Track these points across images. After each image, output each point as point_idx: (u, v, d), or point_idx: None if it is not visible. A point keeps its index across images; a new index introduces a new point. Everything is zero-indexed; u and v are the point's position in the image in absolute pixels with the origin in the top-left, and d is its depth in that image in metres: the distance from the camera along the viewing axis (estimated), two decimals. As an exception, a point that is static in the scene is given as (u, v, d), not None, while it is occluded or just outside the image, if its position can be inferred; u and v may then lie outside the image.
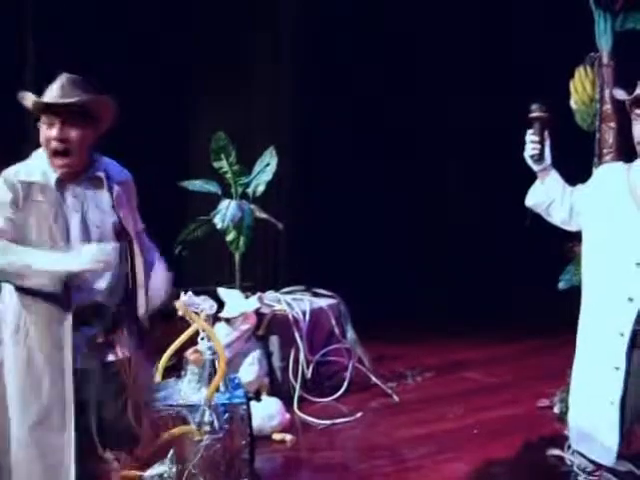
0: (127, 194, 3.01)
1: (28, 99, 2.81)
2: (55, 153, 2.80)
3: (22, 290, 2.78)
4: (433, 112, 8.20)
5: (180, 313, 3.39)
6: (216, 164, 5.71)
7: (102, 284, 2.85)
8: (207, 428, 3.11)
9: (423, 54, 8.28)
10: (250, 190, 5.72)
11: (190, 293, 3.52)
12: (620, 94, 3.43)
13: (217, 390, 3.33)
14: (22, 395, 2.78)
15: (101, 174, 2.92)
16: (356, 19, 7.88)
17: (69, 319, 2.78)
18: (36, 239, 2.78)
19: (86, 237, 2.85)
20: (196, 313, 3.42)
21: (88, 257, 2.73)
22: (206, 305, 3.48)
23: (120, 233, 2.93)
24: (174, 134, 6.75)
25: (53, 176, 2.84)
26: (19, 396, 2.78)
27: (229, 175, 5.70)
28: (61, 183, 2.84)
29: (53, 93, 2.79)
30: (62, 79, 2.82)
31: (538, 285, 5.94)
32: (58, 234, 2.80)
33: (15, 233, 2.77)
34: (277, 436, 4.76)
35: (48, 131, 2.79)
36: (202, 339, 3.53)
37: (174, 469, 3.21)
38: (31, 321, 2.79)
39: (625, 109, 3.23)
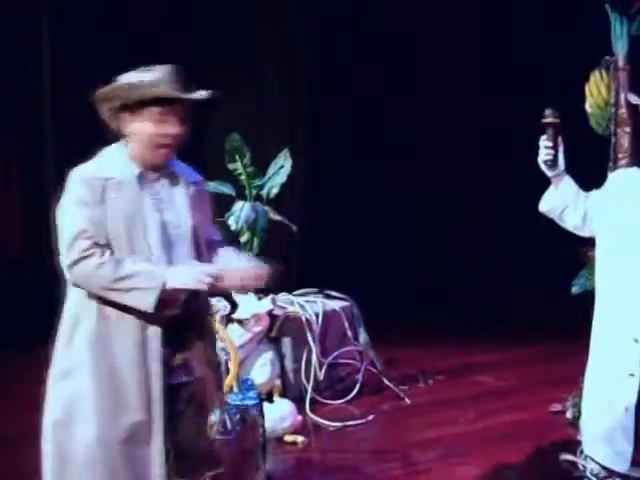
0: (201, 197, 2.93)
1: (154, 91, 2.67)
2: (163, 146, 2.74)
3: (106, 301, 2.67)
4: (433, 112, 8.20)
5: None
6: (230, 166, 5.71)
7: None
8: (219, 429, 3.12)
9: (425, 53, 8.26)
10: (264, 192, 5.72)
11: (204, 294, 3.52)
12: (635, 99, 3.44)
13: (230, 391, 3.34)
14: (107, 408, 2.66)
15: (177, 170, 2.86)
16: (361, 19, 7.89)
17: (159, 330, 2.69)
18: (115, 238, 2.69)
19: (165, 239, 2.77)
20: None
21: (192, 276, 2.66)
22: (220, 306, 3.49)
23: (195, 237, 2.84)
24: (188, 135, 6.78)
25: (135, 172, 2.76)
26: (104, 408, 2.66)
27: (243, 177, 5.70)
28: (141, 180, 2.76)
29: (172, 87, 2.69)
30: (168, 71, 2.73)
31: (551, 289, 5.93)
32: (137, 233, 2.71)
33: (97, 233, 2.66)
34: (289, 438, 4.77)
35: (160, 126, 2.70)
36: (215, 340, 3.53)
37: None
38: (115, 331, 2.68)
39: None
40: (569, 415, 4.99)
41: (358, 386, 5.65)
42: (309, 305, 5.49)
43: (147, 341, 2.68)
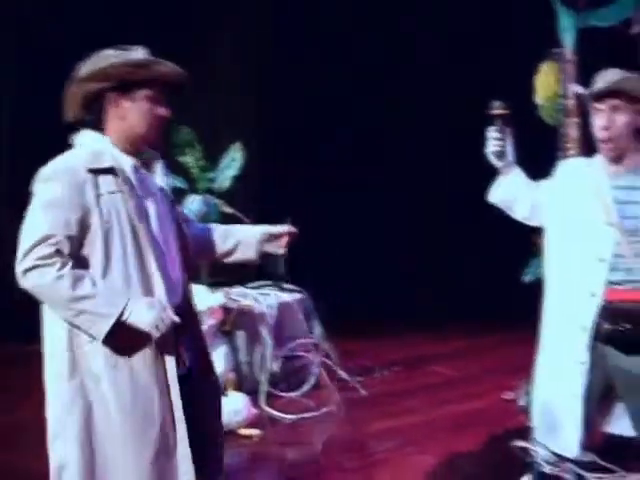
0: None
1: (162, 70, 2.54)
2: (157, 128, 2.58)
3: None
4: (382, 107, 8.23)
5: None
6: (181, 159, 5.68)
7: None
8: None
9: (377, 49, 8.27)
10: (216, 185, 5.71)
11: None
12: (578, 89, 3.48)
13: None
14: (135, 426, 2.49)
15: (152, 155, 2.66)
16: (316, 15, 7.88)
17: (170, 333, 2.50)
18: (116, 240, 2.47)
19: (164, 235, 2.60)
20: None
21: (151, 319, 2.42)
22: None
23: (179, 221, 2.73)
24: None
25: (128, 161, 2.55)
26: (132, 429, 2.49)
27: (194, 170, 5.68)
28: (136, 170, 2.56)
29: (169, 66, 2.58)
30: (148, 51, 2.59)
31: (504, 278, 5.99)
32: (142, 226, 2.50)
33: (63, 239, 2.40)
34: (244, 431, 4.76)
35: (156, 108, 2.55)
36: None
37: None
38: (131, 347, 2.47)
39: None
40: (521, 402, 5.04)
41: (313, 378, 5.66)
42: (263, 298, 5.48)
43: (161, 346, 2.51)
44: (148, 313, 2.42)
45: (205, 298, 5.07)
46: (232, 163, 5.67)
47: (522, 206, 3.52)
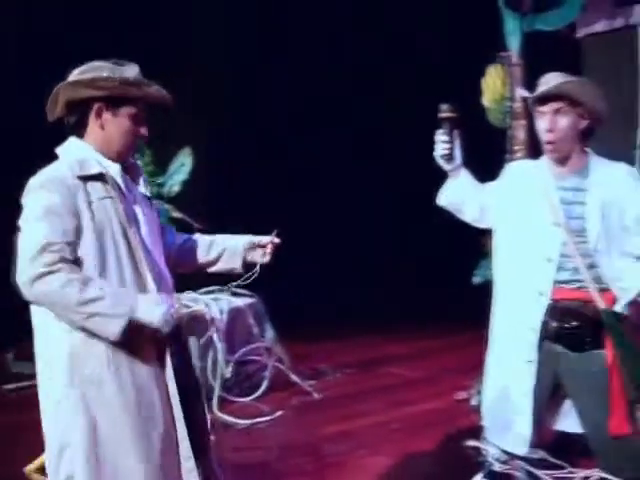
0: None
1: (150, 91, 2.65)
2: (133, 145, 2.68)
3: None
4: (340, 112, 8.25)
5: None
6: (130, 164, 5.62)
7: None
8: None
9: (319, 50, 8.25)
10: (165, 190, 5.66)
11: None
12: (523, 92, 3.53)
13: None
14: (140, 429, 2.52)
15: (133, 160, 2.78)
16: (265, 19, 7.87)
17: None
18: (109, 244, 2.51)
19: (152, 239, 2.66)
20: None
21: (160, 315, 2.46)
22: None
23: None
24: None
25: (114, 166, 2.59)
26: (137, 432, 2.51)
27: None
28: (123, 176, 2.62)
29: (157, 88, 2.70)
30: (139, 70, 2.68)
31: (456, 280, 6.04)
32: (132, 231, 2.56)
33: (65, 246, 2.42)
34: (197, 438, 4.72)
35: (136, 125, 2.63)
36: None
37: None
38: (130, 350, 2.51)
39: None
40: (473, 402, 5.10)
41: (266, 383, 5.65)
42: (214, 303, 5.45)
43: (158, 346, 2.56)
44: (157, 309, 2.46)
45: (156, 304, 5.02)
46: (181, 168, 5.63)
47: (471, 208, 3.56)
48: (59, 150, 2.64)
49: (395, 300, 7.49)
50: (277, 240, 3.07)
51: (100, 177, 2.54)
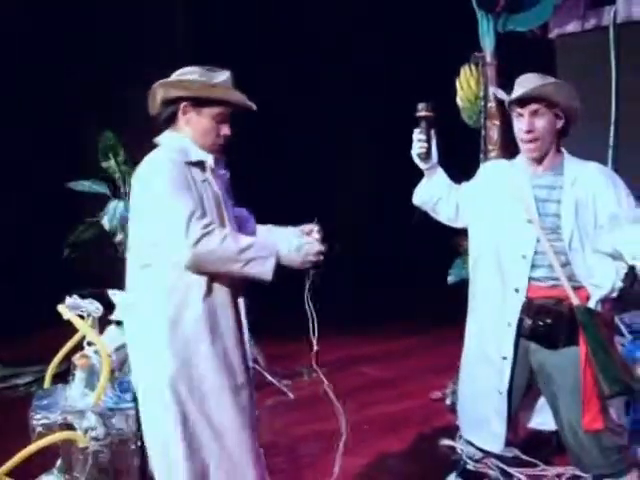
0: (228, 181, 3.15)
1: (230, 95, 2.95)
2: (218, 144, 2.98)
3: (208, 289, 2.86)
4: (317, 111, 8.22)
5: (65, 317, 3.29)
6: (104, 164, 5.58)
7: None
8: (93, 434, 3.02)
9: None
10: (140, 190, 5.61)
11: (75, 296, 3.41)
12: (500, 94, 3.56)
13: (103, 394, 3.24)
14: (229, 380, 2.95)
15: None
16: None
17: (243, 300, 3.05)
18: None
19: (231, 216, 3.00)
20: (81, 316, 3.33)
21: (300, 257, 2.94)
22: (92, 307, 3.38)
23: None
24: (63, 135, 6.56)
25: (208, 156, 2.95)
26: (227, 382, 2.94)
27: (117, 175, 5.59)
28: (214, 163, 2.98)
29: (238, 94, 2.99)
30: (229, 75, 2.99)
31: (432, 279, 6.04)
32: (223, 213, 2.93)
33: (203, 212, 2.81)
34: (171, 439, 4.68)
35: (218, 126, 2.95)
36: (88, 343, 3.43)
37: (62, 478, 3.12)
38: (221, 307, 2.93)
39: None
40: (448, 401, 5.11)
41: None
42: (189, 304, 5.38)
43: (240, 312, 3.05)
44: (297, 253, 2.95)
45: (130, 304, 4.98)
46: (155, 167, 5.58)
47: (446, 208, 3.57)
48: (160, 139, 2.98)
49: (370, 300, 7.48)
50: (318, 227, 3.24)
51: (199, 164, 2.91)
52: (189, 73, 2.96)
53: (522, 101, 3.19)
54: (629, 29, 4.94)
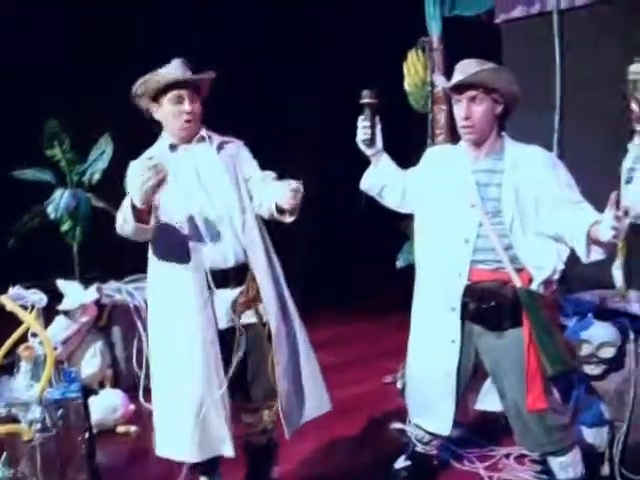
0: (233, 153, 3.41)
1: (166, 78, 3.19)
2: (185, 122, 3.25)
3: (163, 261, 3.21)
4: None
5: (7, 308, 3.23)
6: (49, 152, 5.47)
7: (228, 246, 3.20)
8: (38, 426, 2.98)
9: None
10: (86, 178, 5.53)
11: (18, 286, 3.36)
12: (440, 80, 3.57)
13: (50, 385, 3.20)
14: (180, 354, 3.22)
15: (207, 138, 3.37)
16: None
17: (204, 281, 3.18)
18: None
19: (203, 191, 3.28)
20: (24, 307, 3.28)
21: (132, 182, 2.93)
22: (35, 298, 3.33)
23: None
24: (9, 121, 6.41)
25: (164, 147, 3.32)
26: (178, 355, 3.21)
27: (63, 163, 5.49)
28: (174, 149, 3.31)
29: (177, 73, 3.22)
30: (176, 62, 3.27)
31: (381, 264, 6.06)
32: (195, 198, 3.24)
33: None
34: (121, 428, 4.65)
35: (177, 107, 3.23)
36: (33, 334, 3.38)
37: (8, 473, 3.08)
38: (175, 288, 3.19)
39: (454, 92, 3.34)
40: (399, 385, 5.14)
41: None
42: (138, 292, 5.34)
43: (198, 292, 3.23)
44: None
45: (78, 295, 4.93)
46: (102, 155, 5.50)
47: (392, 193, 3.60)
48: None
49: (319, 286, 7.46)
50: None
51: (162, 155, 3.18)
52: (141, 79, 3.26)
53: (460, 87, 3.21)
54: (572, 14, 4.98)
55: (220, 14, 7.12)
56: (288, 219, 3.21)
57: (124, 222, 3.05)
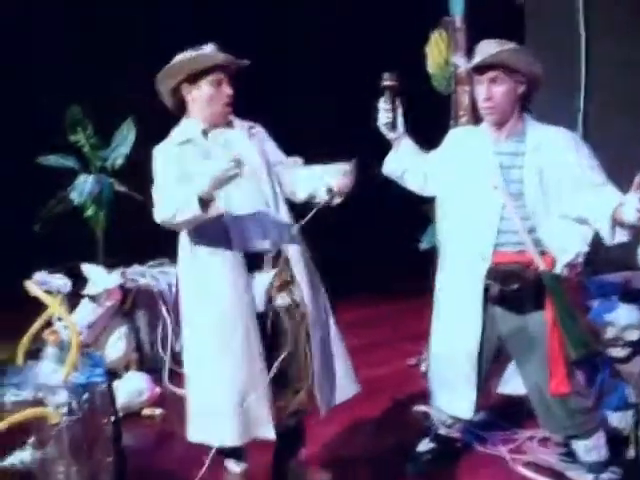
0: (260, 137, 3.42)
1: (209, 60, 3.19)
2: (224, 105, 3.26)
3: (199, 244, 3.18)
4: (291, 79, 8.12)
5: (32, 293, 3.26)
6: (72, 137, 5.51)
7: (269, 230, 3.21)
8: (65, 410, 3.02)
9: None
10: (109, 164, 5.57)
11: (43, 272, 3.40)
12: (460, 61, 3.54)
13: (75, 370, 3.23)
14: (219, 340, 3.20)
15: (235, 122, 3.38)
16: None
17: (243, 265, 3.18)
18: None
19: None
20: (49, 292, 3.31)
21: (213, 171, 2.93)
22: (60, 283, 3.37)
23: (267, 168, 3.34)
24: (26, 109, 6.44)
25: (197, 131, 3.27)
26: (218, 341, 3.20)
27: (86, 149, 5.53)
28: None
29: (220, 56, 3.21)
30: (212, 46, 3.24)
31: (402, 247, 6.05)
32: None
33: None
34: (146, 411, 4.69)
35: (217, 89, 3.21)
36: (59, 319, 3.42)
37: (36, 455, 3.12)
38: (212, 275, 3.18)
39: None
40: (423, 367, 5.14)
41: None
42: (162, 276, 5.37)
43: (238, 275, 3.23)
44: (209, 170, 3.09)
45: (102, 279, 4.97)
46: (125, 140, 5.53)
47: (415, 176, 3.58)
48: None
49: (345, 267, 7.46)
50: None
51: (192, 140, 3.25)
52: (176, 59, 3.22)
53: (480, 68, 3.18)
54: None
55: (220, 14, 7.09)
56: (336, 200, 3.24)
57: (178, 211, 3.00)
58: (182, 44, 3.30)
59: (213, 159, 3.11)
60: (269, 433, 3.28)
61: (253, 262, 3.23)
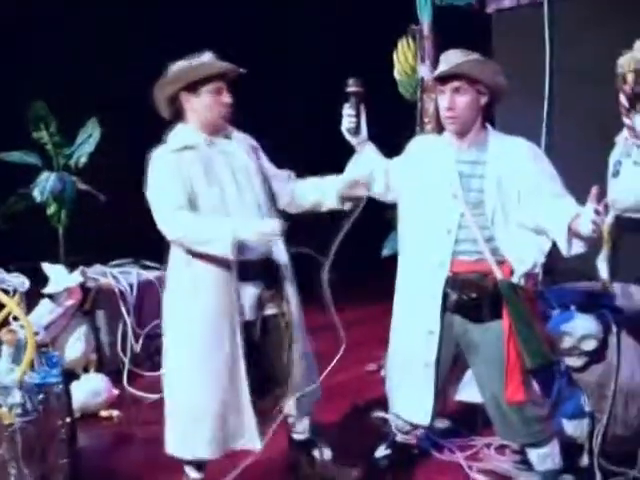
0: (256, 150, 3.48)
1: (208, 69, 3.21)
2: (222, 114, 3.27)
3: (196, 257, 3.14)
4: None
5: (-12, 292, 3.23)
6: (35, 134, 5.45)
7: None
8: (19, 410, 2.99)
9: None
10: (72, 162, 5.51)
11: (0, 269, 3.36)
12: (424, 70, 3.56)
13: (31, 369, 3.20)
14: (205, 348, 3.20)
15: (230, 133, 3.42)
16: None
17: (234, 276, 3.19)
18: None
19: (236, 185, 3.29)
20: (6, 291, 3.27)
21: (258, 229, 3.07)
22: (17, 282, 3.33)
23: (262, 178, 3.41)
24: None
25: (199, 138, 3.27)
26: (203, 350, 3.20)
27: (49, 146, 5.47)
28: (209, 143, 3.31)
29: (219, 65, 3.25)
30: (210, 55, 3.28)
31: (364, 253, 6.05)
32: (227, 189, 3.26)
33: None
34: (104, 413, 4.66)
35: (216, 98, 3.23)
36: (15, 318, 3.38)
37: (-12, 456, 3.08)
38: (204, 284, 3.18)
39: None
40: (383, 373, 5.14)
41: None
42: (123, 276, 5.34)
43: (228, 285, 3.26)
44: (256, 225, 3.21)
45: (62, 278, 4.92)
46: (89, 139, 5.48)
47: (377, 182, 3.58)
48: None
49: (304, 274, 7.46)
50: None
51: (192, 147, 3.28)
52: (175, 67, 3.23)
53: (444, 78, 3.20)
54: (563, 5, 4.98)
55: (220, 14, 7.08)
56: (347, 207, 3.43)
57: (209, 242, 3.08)
58: (182, 44, 3.31)
59: (213, 168, 3.22)
60: (254, 443, 3.29)
61: (243, 270, 3.24)
